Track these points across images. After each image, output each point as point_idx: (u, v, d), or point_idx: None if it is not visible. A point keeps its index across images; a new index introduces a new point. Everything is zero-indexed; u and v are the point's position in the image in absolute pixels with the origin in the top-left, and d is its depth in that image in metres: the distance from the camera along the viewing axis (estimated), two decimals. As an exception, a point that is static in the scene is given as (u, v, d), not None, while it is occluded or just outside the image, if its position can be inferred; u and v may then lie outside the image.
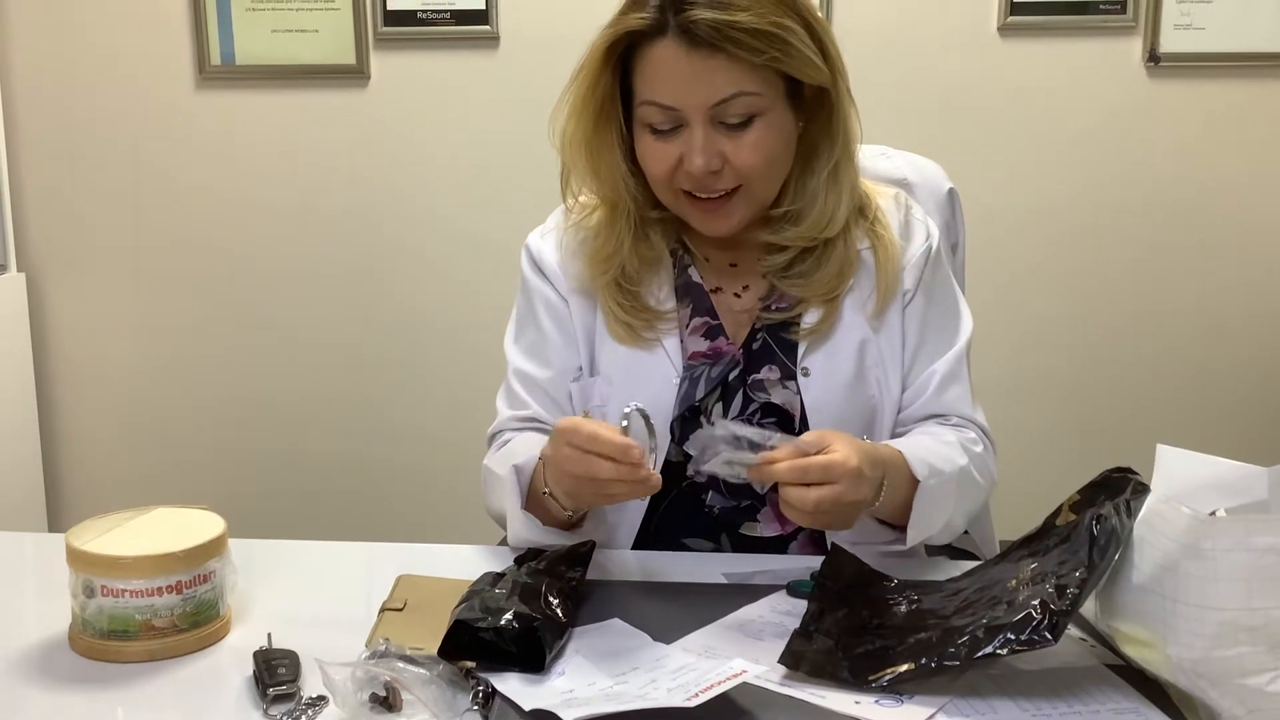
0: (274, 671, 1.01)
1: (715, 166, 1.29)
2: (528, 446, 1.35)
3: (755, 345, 1.39)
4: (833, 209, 1.37)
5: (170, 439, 2.99)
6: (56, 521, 2.98)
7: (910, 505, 1.26)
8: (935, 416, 1.41)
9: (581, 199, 1.45)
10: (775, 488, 1.32)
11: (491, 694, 0.98)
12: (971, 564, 1.26)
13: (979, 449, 1.38)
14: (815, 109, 1.35)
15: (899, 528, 1.30)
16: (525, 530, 1.30)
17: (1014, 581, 1.05)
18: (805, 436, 1.18)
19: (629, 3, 1.30)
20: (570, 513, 1.28)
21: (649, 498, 1.37)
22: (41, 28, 2.84)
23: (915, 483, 1.26)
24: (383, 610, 1.15)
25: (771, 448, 1.15)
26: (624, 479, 1.15)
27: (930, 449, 1.31)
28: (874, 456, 1.21)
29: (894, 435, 1.41)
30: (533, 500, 1.31)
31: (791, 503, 1.15)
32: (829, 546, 1.25)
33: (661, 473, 1.33)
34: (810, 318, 1.38)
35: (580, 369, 1.43)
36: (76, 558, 1.08)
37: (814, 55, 1.29)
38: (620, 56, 1.32)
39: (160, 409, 2.98)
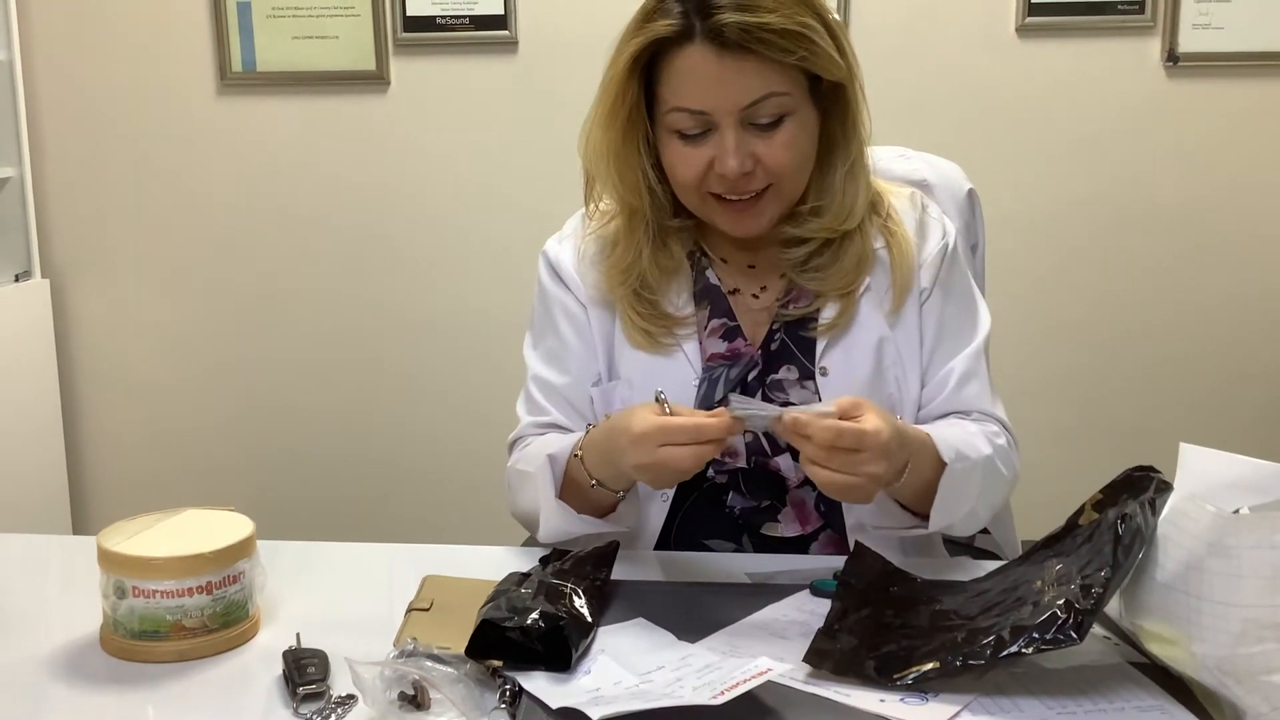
0: (303, 671, 1.02)
1: (748, 168, 1.30)
2: (560, 439, 1.36)
3: (774, 345, 1.39)
4: (852, 201, 1.37)
5: (193, 442, 3.01)
6: (81, 524, 3.00)
7: (934, 489, 1.26)
8: (955, 413, 1.41)
9: (602, 206, 1.46)
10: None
11: (518, 692, 0.99)
12: (994, 564, 1.26)
13: (1001, 441, 1.38)
14: (831, 105, 1.36)
15: (920, 515, 1.30)
16: (560, 520, 1.31)
17: (1039, 582, 1.05)
18: (840, 400, 1.17)
19: (650, 10, 1.30)
20: (621, 494, 1.30)
21: (671, 500, 1.38)
22: (64, 36, 2.87)
23: (942, 466, 1.26)
24: (410, 610, 1.16)
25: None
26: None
27: (957, 436, 1.31)
28: (903, 435, 1.20)
29: None
30: (572, 493, 1.31)
31: (816, 472, 1.16)
32: (851, 546, 1.26)
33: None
34: (828, 313, 1.39)
35: (599, 374, 1.44)
36: (108, 559, 1.09)
37: (834, 52, 1.29)
38: (643, 64, 1.32)
39: (183, 412, 3.01)
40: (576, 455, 1.30)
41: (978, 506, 1.32)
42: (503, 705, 0.97)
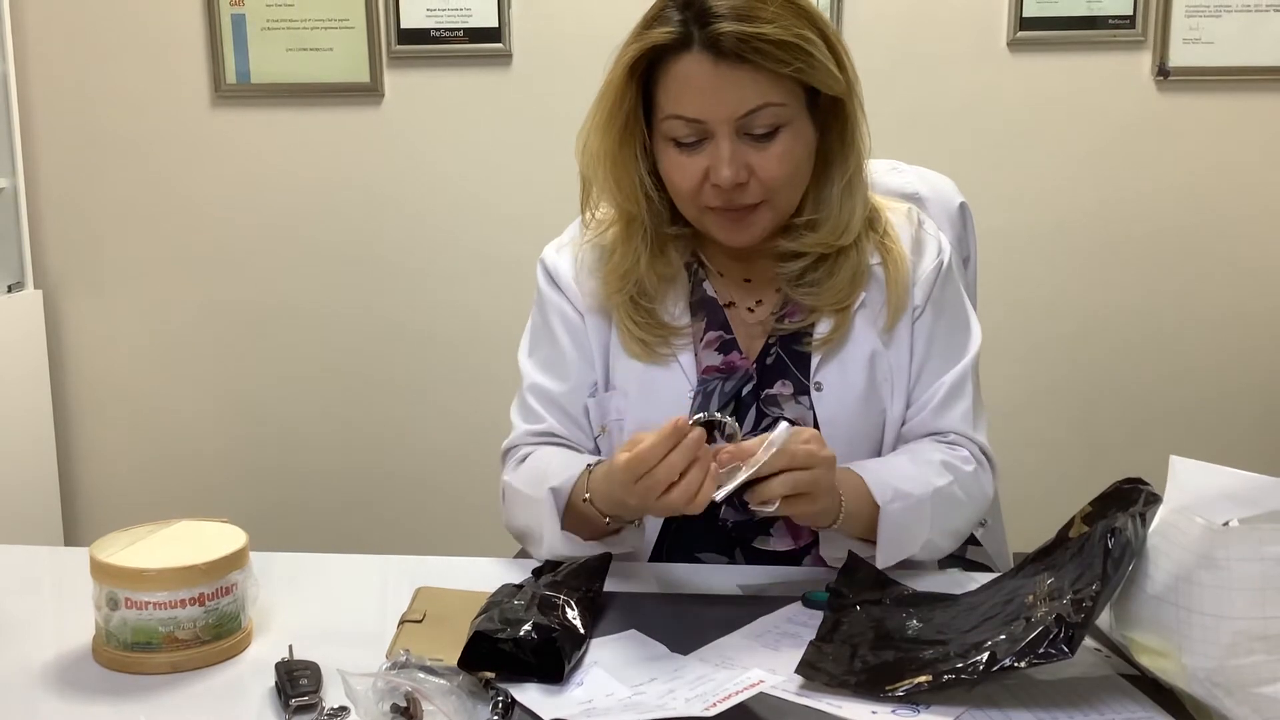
0: (296, 682, 1.02)
1: (743, 178, 1.30)
2: (561, 466, 1.34)
3: (769, 360, 1.39)
4: (848, 217, 1.38)
5: (186, 453, 3.01)
6: (73, 536, 2.99)
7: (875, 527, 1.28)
8: (932, 434, 1.41)
9: (599, 214, 1.46)
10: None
11: (511, 704, 0.99)
12: (986, 576, 1.27)
13: (969, 468, 1.38)
14: (829, 119, 1.36)
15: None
16: (565, 548, 1.30)
17: (1031, 597, 1.05)
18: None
19: (650, 18, 1.30)
20: (609, 520, 1.28)
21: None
22: (59, 47, 2.87)
23: (877, 508, 1.27)
24: (402, 622, 1.16)
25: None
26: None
27: (901, 472, 1.32)
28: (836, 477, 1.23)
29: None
30: (575, 523, 1.30)
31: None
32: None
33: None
34: (822, 327, 1.39)
35: (595, 384, 1.44)
36: (101, 570, 1.09)
37: (832, 66, 1.30)
38: (642, 71, 1.32)
39: (176, 423, 3.00)
40: (586, 499, 1.27)
41: (933, 537, 1.33)
42: (495, 717, 0.97)
